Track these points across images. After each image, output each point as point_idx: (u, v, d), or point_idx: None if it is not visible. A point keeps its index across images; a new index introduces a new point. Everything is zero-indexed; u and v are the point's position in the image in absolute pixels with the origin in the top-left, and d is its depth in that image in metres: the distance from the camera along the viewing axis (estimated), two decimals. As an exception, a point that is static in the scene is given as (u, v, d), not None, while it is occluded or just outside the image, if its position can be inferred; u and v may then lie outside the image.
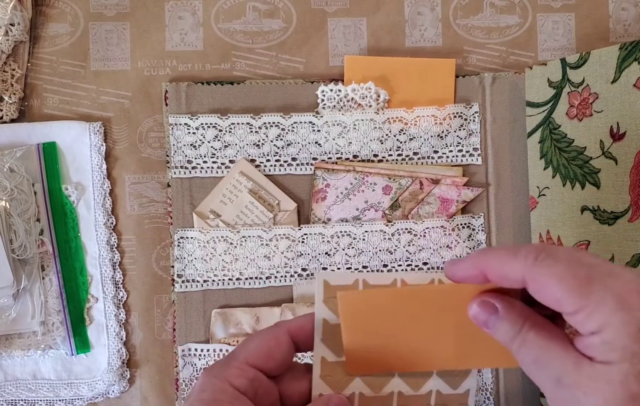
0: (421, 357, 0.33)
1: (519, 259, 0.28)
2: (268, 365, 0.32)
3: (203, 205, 0.56)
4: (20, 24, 0.54)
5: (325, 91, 0.56)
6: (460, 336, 0.33)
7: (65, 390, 0.55)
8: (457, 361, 0.33)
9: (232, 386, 0.31)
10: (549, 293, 0.27)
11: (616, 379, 0.26)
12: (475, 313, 0.31)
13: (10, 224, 0.52)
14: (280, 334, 0.33)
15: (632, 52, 0.50)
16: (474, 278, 0.30)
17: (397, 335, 0.33)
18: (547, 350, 0.28)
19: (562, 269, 0.27)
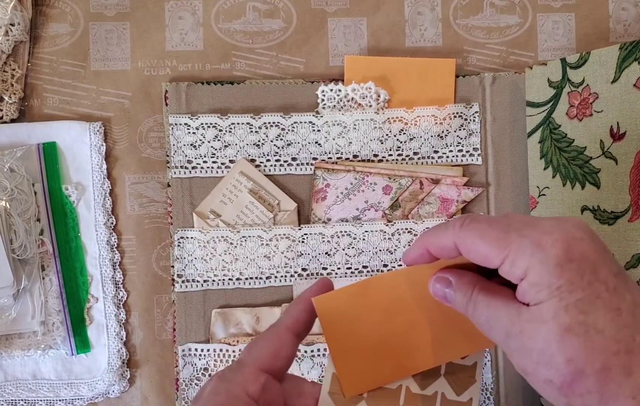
0: (410, 357, 0.34)
1: (449, 229, 0.31)
2: (276, 366, 0.33)
3: (203, 205, 0.56)
4: (20, 24, 0.54)
5: (325, 90, 0.56)
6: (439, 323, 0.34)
7: (66, 390, 0.55)
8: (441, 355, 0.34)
9: (246, 393, 0.31)
10: (475, 250, 0.30)
11: (549, 316, 0.28)
12: (434, 290, 0.33)
13: (10, 224, 0.53)
14: (283, 332, 0.34)
15: (632, 52, 0.50)
16: (421, 257, 0.33)
17: (381, 334, 0.34)
18: (495, 307, 0.30)
19: (483, 228, 0.30)
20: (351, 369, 0.34)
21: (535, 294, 0.28)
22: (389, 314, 0.34)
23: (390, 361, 0.34)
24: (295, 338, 0.34)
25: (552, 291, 0.28)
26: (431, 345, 0.34)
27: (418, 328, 0.34)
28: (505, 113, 0.57)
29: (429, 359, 0.34)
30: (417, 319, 0.34)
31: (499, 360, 0.56)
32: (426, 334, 0.34)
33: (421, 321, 0.34)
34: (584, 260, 0.28)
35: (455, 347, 0.34)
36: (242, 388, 0.31)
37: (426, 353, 0.34)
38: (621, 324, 0.27)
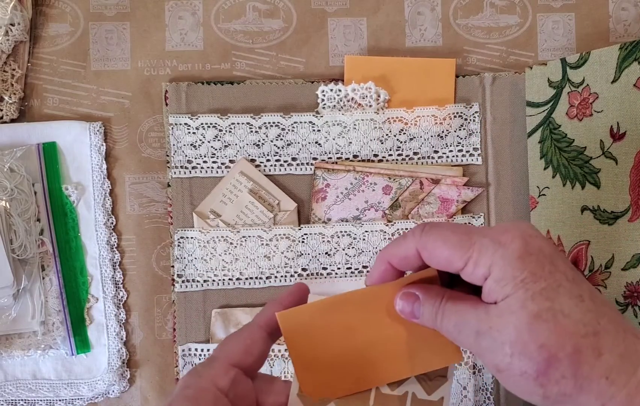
0: (374, 370, 0.34)
1: (408, 237, 0.32)
2: (247, 362, 0.34)
3: (203, 205, 0.56)
4: (20, 24, 0.54)
5: (325, 90, 0.56)
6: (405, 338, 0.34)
7: (66, 390, 0.55)
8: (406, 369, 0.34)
9: (215, 387, 0.32)
10: (438, 254, 0.31)
11: (517, 307, 0.28)
12: (401, 307, 0.33)
13: (10, 224, 0.53)
14: (255, 330, 0.34)
15: (632, 52, 0.50)
16: (384, 273, 0.34)
17: (346, 348, 0.34)
18: (463, 312, 0.31)
19: (444, 232, 0.31)
20: (314, 382, 0.34)
21: (501, 289, 0.29)
22: (353, 330, 0.34)
23: (353, 375, 0.34)
24: (268, 336, 0.35)
25: (517, 283, 0.29)
26: (395, 359, 0.34)
27: (382, 344, 0.34)
28: (505, 113, 0.57)
29: (393, 373, 0.34)
30: (381, 335, 0.34)
31: (499, 360, 0.56)
32: (390, 350, 0.34)
33: (385, 337, 0.34)
34: (542, 253, 0.29)
35: (421, 362, 0.34)
36: (211, 382, 0.32)
37: (390, 368, 0.34)
38: (585, 309, 0.28)
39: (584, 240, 0.52)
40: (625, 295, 0.50)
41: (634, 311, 0.49)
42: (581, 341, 0.28)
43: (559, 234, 0.54)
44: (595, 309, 0.29)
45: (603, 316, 0.29)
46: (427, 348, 0.34)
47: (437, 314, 0.32)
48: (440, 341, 0.33)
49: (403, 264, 0.33)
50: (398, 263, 0.33)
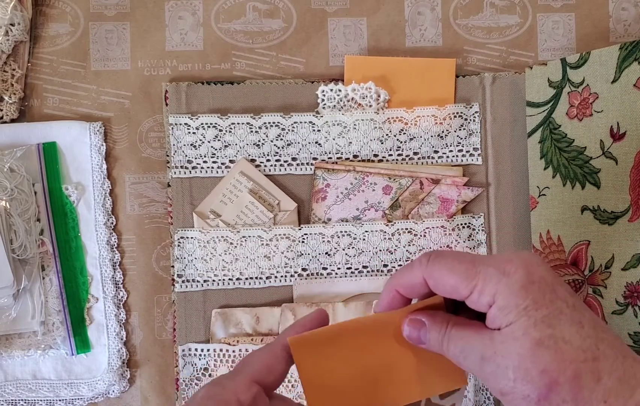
0: (383, 394, 0.35)
1: (415, 266, 0.33)
2: (268, 380, 0.34)
3: (203, 205, 0.56)
4: (20, 24, 0.54)
5: (325, 90, 0.56)
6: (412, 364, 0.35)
7: (66, 390, 0.55)
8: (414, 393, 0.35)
9: (237, 400, 0.32)
10: (444, 283, 0.32)
11: (520, 334, 0.30)
12: (408, 333, 0.34)
13: (10, 224, 0.53)
14: (278, 349, 0.35)
15: (632, 52, 0.50)
16: (392, 301, 0.35)
17: (355, 373, 0.35)
18: (468, 338, 0.32)
19: (450, 262, 0.32)
20: (320, 395, 0.35)
21: (505, 317, 0.30)
22: (362, 355, 0.35)
23: (363, 399, 0.35)
24: (289, 357, 0.35)
25: (519, 311, 0.30)
26: (403, 383, 0.35)
27: (390, 368, 0.35)
28: (505, 113, 0.57)
29: (401, 397, 0.35)
30: (389, 360, 0.35)
31: (499, 360, 0.56)
32: (398, 374, 0.35)
33: (393, 362, 0.35)
34: (543, 282, 0.31)
35: (428, 386, 0.35)
36: (234, 395, 0.32)
37: (398, 392, 0.35)
38: (584, 335, 0.30)
39: (584, 240, 0.52)
40: (625, 295, 0.50)
41: (634, 311, 0.49)
42: (581, 366, 0.29)
43: (559, 234, 0.54)
44: (594, 335, 0.30)
45: (602, 341, 0.30)
46: (433, 372, 0.35)
47: (443, 340, 0.33)
48: (446, 365, 0.34)
49: (410, 292, 0.34)
50: (405, 291, 0.34)
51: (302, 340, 0.35)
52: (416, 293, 0.34)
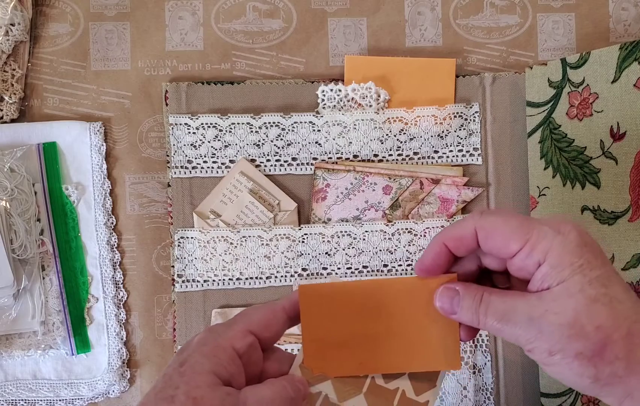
0: (378, 358, 0.35)
1: (468, 219, 0.34)
2: (265, 335, 0.35)
3: (203, 205, 0.56)
4: (20, 24, 0.54)
5: (325, 90, 0.56)
6: (413, 335, 0.35)
7: (66, 389, 0.55)
8: (406, 364, 0.36)
9: (232, 348, 0.33)
10: (496, 235, 0.32)
11: (575, 290, 0.30)
12: (440, 301, 0.34)
13: (10, 224, 0.53)
14: (277, 309, 0.36)
15: (632, 52, 0.50)
16: (439, 255, 0.35)
17: (355, 332, 0.35)
18: (511, 301, 0.32)
19: (504, 215, 0.33)
20: (318, 357, 0.36)
21: (558, 274, 0.31)
22: (367, 317, 0.35)
23: (357, 359, 0.35)
24: (288, 319, 0.36)
25: (574, 269, 0.30)
26: (400, 353, 0.35)
27: (391, 335, 0.35)
28: (505, 113, 0.57)
29: (395, 365, 0.36)
30: (392, 327, 0.35)
31: (499, 360, 0.56)
32: (398, 343, 0.35)
33: (395, 330, 0.35)
34: (594, 245, 0.32)
35: (423, 361, 0.36)
36: (229, 342, 0.33)
37: (393, 360, 0.35)
38: (634, 299, 0.31)
39: (584, 240, 0.52)
40: (625, 295, 0.50)
41: (634, 311, 0.49)
42: (634, 325, 0.30)
43: (559, 234, 0.54)
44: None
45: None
46: (432, 350, 0.35)
47: (480, 306, 0.33)
48: (446, 346, 0.35)
49: (458, 246, 0.34)
50: (453, 244, 0.34)
51: (312, 289, 0.35)
52: (464, 247, 0.34)
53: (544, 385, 0.55)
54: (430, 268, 0.35)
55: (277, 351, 0.37)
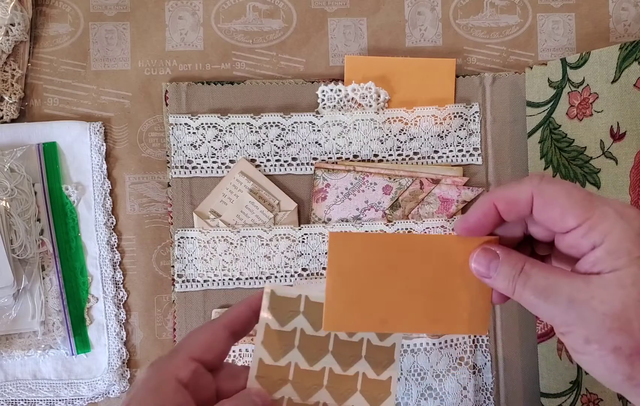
0: (402, 316, 0.34)
1: (526, 182, 0.31)
2: (208, 357, 0.34)
3: (203, 205, 0.56)
4: (20, 24, 0.54)
5: (325, 90, 0.56)
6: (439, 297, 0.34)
7: (66, 389, 0.55)
8: (431, 325, 0.35)
9: (175, 379, 0.33)
10: (556, 205, 0.30)
11: (628, 282, 0.28)
12: (476, 263, 0.33)
13: (10, 224, 0.53)
14: (218, 328, 0.35)
15: (632, 52, 0.50)
16: (486, 214, 0.32)
17: (382, 287, 0.34)
18: (554, 278, 0.30)
19: (567, 187, 0.30)
20: (340, 310, 0.35)
21: (613, 261, 0.28)
22: (395, 272, 0.34)
23: (380, 315, 0.35)
24: (231, 335, 0.35)
25: (632, 259, 0.28)
26: (426, 313, 0.34)
27: (419, 294, 0.34)
28: (505, 113, 0.57)
29: (419, 325, 0.35)
30: (421, 286, 0.34)
31: (499, 360, 0.56)
32: (425, 303, 0.34)
33: (424, 289, 0.34)
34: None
35: (449, 323, 0.35)
36: (171, 374, 0.33)
37: (418, 320, 0.34)
38: None
39: (584, 240, 0.52)
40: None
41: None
42: None
43: (559, 234, 0.54)
44: None
45: None
46: (460, 313, 0.34)
47: (518, 278, 0.31)
48: (475, 310, 0.34)
49: (509, 209, 0.32)
50: (504, 206, 0.32)
51: (343, 237, 0.34)
52: (515, 212, 0.31)
53: (544, 385, 0.55)
54: (473, 228, 0.33)
55: (228, 367, 0.36)
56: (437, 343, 0.54)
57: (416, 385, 0.54)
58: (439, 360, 0.55)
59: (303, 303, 0.36)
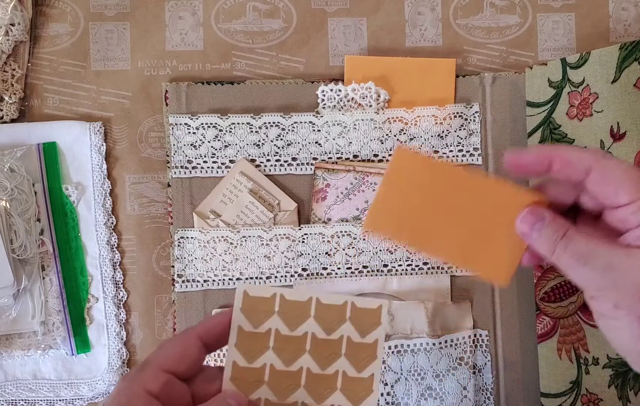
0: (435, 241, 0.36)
1: (588, 152, 0.33)
2: (180, 369, 0.34)
3: (203, 205, 0.56)
4: (20, 24, 0.54)
5: (325, 90, 0.56)
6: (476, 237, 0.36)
7: (66, 389, 0.55)
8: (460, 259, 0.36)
9: (146, 391, 0.32)
10: (611, 180, 0.32)
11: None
12: (523, 221, 0.34)
13: (10, 224, 0.53)
14: (190, 338, 0.35)
15: (632, 52, 0.50)
16: (538, 163, 0.34)
17: (426, 209, 0.36)
18: (594, 245, 0.31)
19: (625, 166, 0.32)
20: (382, 213, 0.36)
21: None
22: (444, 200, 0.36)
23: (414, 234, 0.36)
24: (204, 346, 0.35)
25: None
26: (460, 247, 0.36)
27: (459, 228, 0.36)
28: (505, 113, 0.57)
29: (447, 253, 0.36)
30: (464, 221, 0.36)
31: (499, 360, 0.56)
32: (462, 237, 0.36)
33: (466, 225, 0.36)
34: None
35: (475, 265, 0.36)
36: (142, 386, 0.33)
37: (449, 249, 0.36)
38: None
39: (584, 240, 0.52)
40: (625, 295, 0.50)
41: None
42: None
43: (559, 234, 0.54)
44: None
45: None
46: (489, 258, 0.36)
47: (560, 241, 0.32)
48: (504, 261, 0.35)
49: (564, 169, 0.33)
50: (560, 166, 0.33)
51: (408, 153, 0.36)
52: (568, 174, 0.33)
53: (544, 385, 0.55)
54: (524, 168, 0.34)
55: (204, 370, 0.36)
56: (437, 343, 0.54)
57: (416, 385, 0.54)
58: (439, 360, 0.55)
59: (278, 302, 0.36)
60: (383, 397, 0.54)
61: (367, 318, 0.36)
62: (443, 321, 0.55)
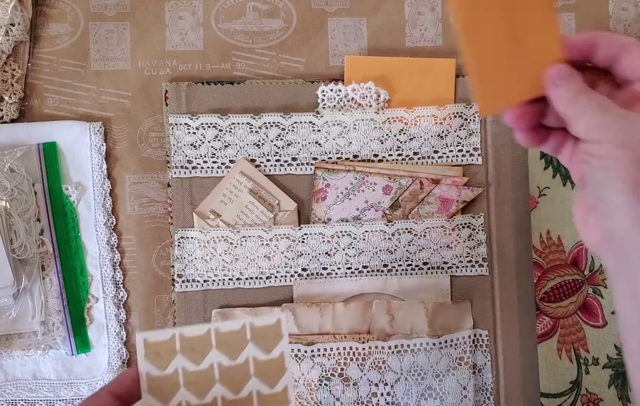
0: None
1: (629, 38, 0.35)
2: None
3: (203, 205, 0.56)
4: (20, 24, 0.54)
5: (325, 90, 0.56)
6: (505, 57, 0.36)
7: (66, 390, 0.55)
8: (477, 76, 0.37)
9: None
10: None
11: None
12: (558, 69, 0.35)
13: (10, 224, 0.53)
14: (102, 397, 0.35)
15: (632, 52, 0.50)
16: (584, 43, 0.35)
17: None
18: (610, 102, 0.33)
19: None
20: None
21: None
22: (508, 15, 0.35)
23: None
24: (117, 400, 0.35)
25: None
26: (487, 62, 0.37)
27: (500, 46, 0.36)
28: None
29: (476, 67, 0.37)
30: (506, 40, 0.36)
31: (499, 360, 0.56)
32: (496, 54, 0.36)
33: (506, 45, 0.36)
34: None
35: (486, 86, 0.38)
36: None
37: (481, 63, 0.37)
38: None
39: (584, 240, 0.52)
40: (625, 295, 0.50)
41: (634, 311, 0.49)
42: None
43: (558, 234, 0.54)
44: None
45: None
46: (500, 81, 0.38)
47: (583, 92, 0.34)
48: (503, 92, 0.38)
49: (608, 53, 0.35)
50: (605, 41, 0.35)
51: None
52: (610, 59, 0.35)
53: (544, 385, 0.55)
54: (570, 47, 0.35)
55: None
56: (437, 343, 0.54)
57: (416, 385, 0.54)
58: (439, 359, 0.55)
59: (177, 341, 0.36)
60: (383, 397, 0.54)
61: (268, 334, 0.37)
62: (443, 321, 0.55)
